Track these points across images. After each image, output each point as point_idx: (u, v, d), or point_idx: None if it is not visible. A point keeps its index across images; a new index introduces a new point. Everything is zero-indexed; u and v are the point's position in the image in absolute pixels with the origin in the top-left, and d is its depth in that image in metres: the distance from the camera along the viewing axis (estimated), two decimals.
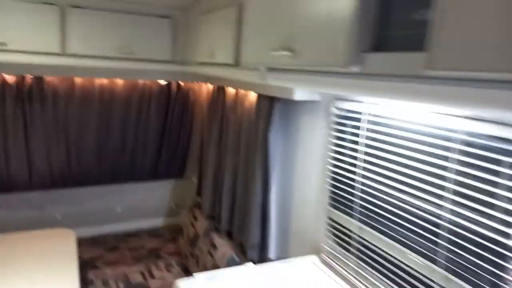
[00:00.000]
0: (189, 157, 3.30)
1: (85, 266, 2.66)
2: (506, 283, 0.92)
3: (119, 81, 2.77)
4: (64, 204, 3.07)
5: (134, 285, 2.48)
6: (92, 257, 2.81)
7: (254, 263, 1.99)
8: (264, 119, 1.83)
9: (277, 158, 1.85)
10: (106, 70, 2.50)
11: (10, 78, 2.46)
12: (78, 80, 2.65)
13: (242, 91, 2.11)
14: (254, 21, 1.27)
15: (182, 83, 2.95)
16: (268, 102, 1.80)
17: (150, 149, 3.10)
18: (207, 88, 2.65)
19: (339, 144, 1.52)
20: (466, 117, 0.99)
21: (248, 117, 2.06)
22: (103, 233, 3.17)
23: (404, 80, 0.73)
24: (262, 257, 1.99)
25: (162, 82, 2.88)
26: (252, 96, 2.00)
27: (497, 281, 0.94)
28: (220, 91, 2.37)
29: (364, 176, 1.39)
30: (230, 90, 2.26)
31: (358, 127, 1.40)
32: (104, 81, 2.72)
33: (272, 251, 1.97)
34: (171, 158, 3.21)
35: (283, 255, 1.97)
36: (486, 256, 0.97)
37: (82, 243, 2.90)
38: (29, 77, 2.51)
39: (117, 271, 2.62)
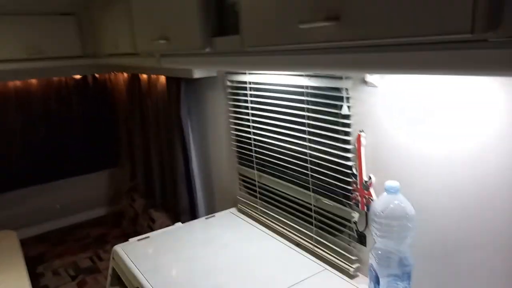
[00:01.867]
0: (120, 145, 3.45)
1: (33, 262, 2.78)
2: (350, 192, 1.26)
3: (33, 81, 2.82)
4: (1, 208, 3.11)
5: (84, 269, 2.66)
6: (40, 252, 2.92)
7: None
8: (175, 99, 2.06)
9: (191, 131, 2.10)
10: (19, 72, 2.56)
11: None
12: None
13: (153, 76, 2.30)
14: (138, 14, 1.47)
15: (97, 75, 3.06)
16: (175, 83, 2.02)
17: (79, 142, 3.20)
18: (122, 77, 2.80)
19: (235, 111, 1.80)
20: (306, 76, 1.30)
21: (162, 99, 2.27)
22: (47, 230, 3.27)
23: (236, 55, 1.00)
24: (194, 219, 2.26)
25: (77, 76, 2.98)
26: (163, 80, 2.20)
27: (345, 193, 1.28)
28: (134, 78, 2.54)
29: (254, 134, 1.68)
30: (143, 77, 2.44)
31: (246, 95, 1.68)
32: (17, 83, 2.76)
33: (201, 212, 2.25)
34: (102, 148, 3.33)
35: (212, 213, 2.25)
36: (336, 176, 1.30)
37: (28, 242, 2.99)
38: None
39: (66, 260, 2.78)
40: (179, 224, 1.83)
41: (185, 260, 1.43)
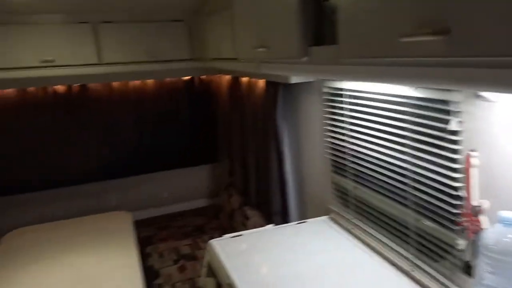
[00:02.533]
0: (219, 143, 3.63)
1: (144, 243, 3.11)
2: (456, 217, 1.13)
3: (149, 82, 3.13)
4: (118, 191, 3.53)
5: (184, 255, 2.88)
6: (148, 235, 3.25)
7: None
8: (272, 102, 2.09)
9: (285, 135, 2.11)
10: (137, 74, 2.87)
11: (59, 88, 2.90)
12: (115, 84, 3.04)
13: (253, 79, 2.37)
14: (240, 23, 1.52)
15: (203, 77, 3.26)
16: (272, 87, 2.05)
17: (185, 139, 3.46)
18: (224, 79, 2.94)
19: (331, 117, 1.74)
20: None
21: (260, 102, 2.32)
22: (155, 215, 3.62)
23: (333, 64, 0.97)
24: (285, 222, 2.28)
25: (186, 78, 3.22)
26: (262, 84, 2.25)
27: (450, 216, 1.15)
28: (235, 81, 2.64)
29: (351, 142, 1.61)
30: (244, 79, 2.52)
31: (342, 101, 1.62)
32: (136, 83, 3.09)
33: (293, 215, 2.25)
34: (204, 145, 3.55)
35: (303, 218, 2.24)
36: (440, 196, 1.18)
37: (140, 224, 3.35)
38: (75, 86, 2.93)
39: (169, 245, 3.04)
40: (271, 226, 1.86)
41: (275, 262, 1.45)
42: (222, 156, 3.67)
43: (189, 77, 3.22)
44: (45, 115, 2.94)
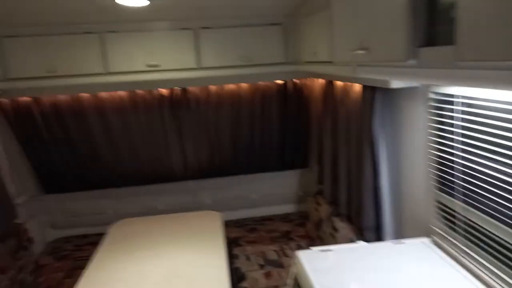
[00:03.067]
0: (310, 148, 3.53)
1: (231, 244, 3.16)
2: None
3: (244, 85, 3.18)
4: (211, 191, 3.66)
5: (270, 261, 2.85)
6: (236, 236, 3.30)
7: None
8: (368, 109, 1.94)
9: (383, 144, 1.94)
10: (233, 77, 2.93)
11: (164, 91, 3.11)
12: (212, 87, 3.15)
13: (348, 84, 2.24)
14: (338, 25, 1.42)
15: (296, 81, 3.20)
16: (370, 92, 1.90)
17: (276, 143, 3.44)
18: (318, 83, 2.84)
19: (438, 128, 1.54)
20: None
21: (355, 108, 2.18)
22: (243, 217, 3.66)
23: (447, 68, 0.82)
24: (378, 239, 2.10)
25: (279, 81, 3.19)
26: (357, 88, 2.11)
27: None
28: (329, 85, 2.53)
29: (462, 157, 1.40)
30: (339, 83, 2.40)
31: (453, 110, 1.41)
32: (232, 86, 3.16)
33: (387, 233, 2.06)
34: (295, 149, 3.49)
35: (398, 237, 2.04)
36: None
37: (228, 224, 3.43)
38: (177, 89, 3.11)
39: (256, 248, 3.04)
40: (363, 242, 1.72)
41: (366, 284, 1.32)
42: (313, 162, 3.57)
43: (282, 80, 3.19)
44: (152, 116, 3.17)
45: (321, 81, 2.72)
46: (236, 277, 2.64)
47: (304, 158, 3.57)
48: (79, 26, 2.57)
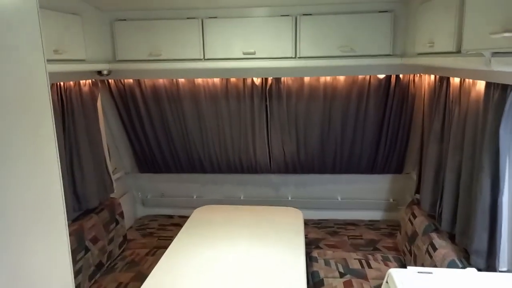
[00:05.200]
0: (408, 153, 3.19)
1: (310, 244, 3.01)
2: None
3: (341, 78, 2.96)
4: (293, 187, 3.54)
5: (352, 270, 2.63)
6: (316, 237, 3.13)
7: (480, 270, 1.80)
8: (494, 112, 1.62)
9: (509, 155, 1.61)
10: (330, 69, 2.74)
11: (257, 80, 3.04)
12: (306, 79, 3.00)
13: (468, 81, 1.91)
14: (474, 3, 1.17)
15: (401, 76, 2.88)
16: (499, 92, 1.58)
17: (369, 142, 3.16)
18: (428, 79, 2.51)
19: None
20: None
21: (475, 110, 1.85)
22: (324, 218, 3.48)
23: None
24: (490, 266, 1.77)
25: (381, 76, 2.90)
26: (480, 86, 1.79)
27: None
28: (442, 82, 2.21)
29: None
30: (454, 81, 2.07)
31: None
32: (327, 78, 2.97)
33: (503, 260, 1.73)
34: (389, 152, 3.18)
35: None
36: None
37: (307, 223, 3.28)
38: (270, 79, 3.02)
39: (337, 254, 2.84)
40: (473, 270, 1.45)
41: None
42: (411, 168, 3.23)
43: (384, 75, 2.90)
44: (242, 105, 3.14)
45: (432, 77, 2.40)
46: (313, 281, 2.49)
47: (399, 162, 3.24)
48: (182, 12, 2.61)
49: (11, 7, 0.96)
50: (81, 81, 2.67)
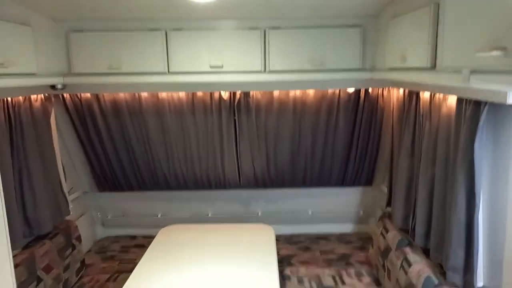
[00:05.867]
0: (377, 165, 3.20)
1: (282, 262, 2.92)
2: None
3: (310, 92, 2.93)
4: (264, 202, 3.45)
5: (326, 287, 2.57)
6: (288, 254, 3.05)
7: (456, 287, 1.77)
8: (468, 127, 1.61)
9: (484, 171, 1.60)
10: (300, 83, 2.69)
11: (225, 94, 2.94)
12: (276, 93, 2.94)
13: (438, 95, 1.91)
14: (454, 19, 1.14)
15: (370, 90, 2.89)
16: (472, 107, 1.57)
17: (339, 155, 3.15)
18: (397, 93, 2.52)
19: None
20: None
21: (447, 125, 1.85)
22: (296, 233, 3.41)
23: None
24: (466, 282, 1.75)
25: (350, 90, 2.90)
26: (452, 101, 1.79)
27: None
28: (412, 96, 2.21)
29: None
30: (424, 95, 2.08)
31: None
32: (297, 92, 2.92)
33: (479, 277, 1.72)
34: (359, 165, 3.18)
35: (494, 283, 1.68)
36: None
37: (279, 239, 3.20)
38: (238, 93, 2.93)
39: (310, 271, 2.77)
40: None
41: None
42: (381, 181, 3.23)
43: (353, 89, 2.89)
44: (209, 119, 3.02)
45: (401, 91, 2.40)
46: None
47: (370, 175, 3.25)
48: (145, 23, 2.48)
49: None
50: (32, 96, 2.45)
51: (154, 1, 2.11)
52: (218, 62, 2.49)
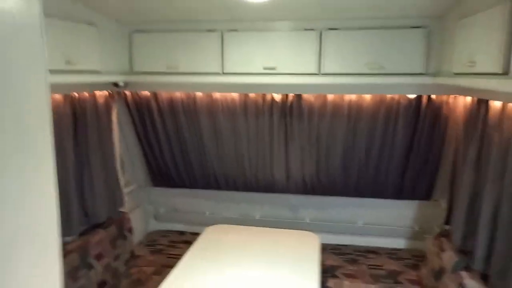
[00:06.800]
0: (437, 179, 2.96)
1: (326, 272, 2.81)
2: None
3: (367, 96, 2.79)
4: (312, 209, 3.35)
5: None
6: (333, 265, 2.93)
7: None
8: None
9: None
10: (356, 87, 2.58)
11: (277, 96, 2.91)
12: (330, 96, 2.84)
13: (511, 105, 1.72)
14: None
15: (433, 97, 2.69)
16: None
17: (395, 166, 2.96)
18: (463, 101, 2.32)
19: None
20: None
21: None
22: (343, 243, 3.27)
23: None
24: None
25: (411, 96, 2.71)
26: None
27: None
28: (480, 105, 2.02)
29: None
30: (495, 104, 1.88)
31: None
32: (352, 96, 2.80)
33: None
34: (417, 177, 2.96)
35: None
36: None
37: (325, 248, 3.09)
38: (290, 95, 2.88)
39: (355, 285, 2.64)
40: None
41: None
42: (440, 196, 3.00)
43: (415, 95, 2.70)
44: (260, 121, 3.01)
45: (468, 99, 2.20)
46: None
47: (428, 188, 3.02)
48: (202, 24, 2.52)
49: (11, 15, 0.86)
50: (97, 93, 2.60)
51: (211, 2, 2.14)
52: (272, 63, 2.47)
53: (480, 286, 1.89)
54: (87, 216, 2.54)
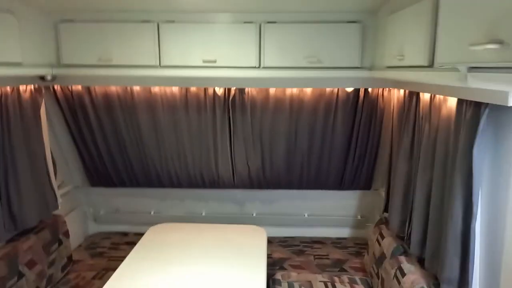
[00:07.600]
0: (376, 169, 3.08)
1: (274, 265, 2.83)
2: None
3: (308, 90, 2.82)
4: (258, 203, 3.35)
5: None
6: (281, 257, 2.96)
7: None
8: (467, 130, 1.51)
9: (483, 177, 1.49)
10: (296, 80, 2.59)
11: (219, 90, 2.85)
12: (272, 90, 2.83)
13: (438, 97, 1.80)
14: (451, 12, 1.04)
15: (369, 90, 2.77)
16: (472, 109, 1.47)
17: (336, 157, 3.03)
18: (397, 94, 2.41)
19: None
20: None
21: (446, 127, 1.74)
22: (290, 235, 3.31)
23: None
24: None
25: (349, 89, 2.78)
26: (451, 103, 1.68)
27: None
28: (411, 97, 2.10)
29: None
30: (424, 96, 1.97)
31: None
32: (294, 90, 2.82)
33: None
34: (357, 168, 3.06)
35: None
36: None
37: (271, 241, 3.10)
38: (233, 89, 2.84)
39: (302, 276, 2.67)
40: None
41: None
42: (379, 185, 3.12)
43: (352, 88, 2.77)
44: (203, 116, 2.93)
45: (401, 91, 2.29)
46: None
47: (368, 178, 3.13)
48: (136, 14, 2.40)
49: None
50: (21, 87, 2.38)
51: None
52: (211, 56, 2.41)
53: (416, 269, 1.98)
54: (14, 221, 2.34)
